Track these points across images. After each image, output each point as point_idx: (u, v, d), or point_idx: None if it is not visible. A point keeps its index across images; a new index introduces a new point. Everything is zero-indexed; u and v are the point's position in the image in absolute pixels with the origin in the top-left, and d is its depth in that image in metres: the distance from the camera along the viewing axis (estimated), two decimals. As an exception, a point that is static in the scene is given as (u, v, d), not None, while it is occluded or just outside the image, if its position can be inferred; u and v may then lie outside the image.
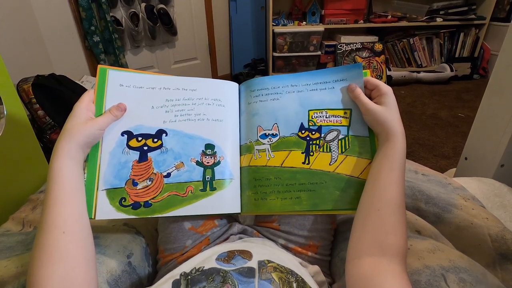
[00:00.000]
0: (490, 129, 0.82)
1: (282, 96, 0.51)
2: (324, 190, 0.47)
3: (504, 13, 2.36)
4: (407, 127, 1.81)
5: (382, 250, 0.37)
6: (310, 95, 0.50)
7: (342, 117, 0.49)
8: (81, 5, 1.78)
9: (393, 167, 0.41)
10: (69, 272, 0.35)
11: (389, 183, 0.41)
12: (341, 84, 0.50)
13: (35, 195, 0.73)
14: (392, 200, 0.39)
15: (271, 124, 0.51)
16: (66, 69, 1.69)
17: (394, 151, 0.42)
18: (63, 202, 0.38)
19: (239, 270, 0.36)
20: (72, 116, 0.43)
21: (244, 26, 2.54)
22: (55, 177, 0.39)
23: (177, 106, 0.50)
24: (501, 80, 0.78)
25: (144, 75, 0.50)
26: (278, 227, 0.52)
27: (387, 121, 0.44)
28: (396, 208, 0.39)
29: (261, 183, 0.49)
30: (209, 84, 0.53)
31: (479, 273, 0.41)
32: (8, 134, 0.78)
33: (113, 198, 0.45)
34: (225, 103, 0.52)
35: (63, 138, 0.41)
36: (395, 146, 0.42)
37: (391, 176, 0.41)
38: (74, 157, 0.41)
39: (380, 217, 0.39)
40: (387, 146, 0.43)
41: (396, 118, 0.44)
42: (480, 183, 0.70)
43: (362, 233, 0.40)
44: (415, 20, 2.43)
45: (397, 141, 0.43)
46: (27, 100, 1.38)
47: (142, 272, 0.51)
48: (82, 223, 0.39)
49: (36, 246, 0.36)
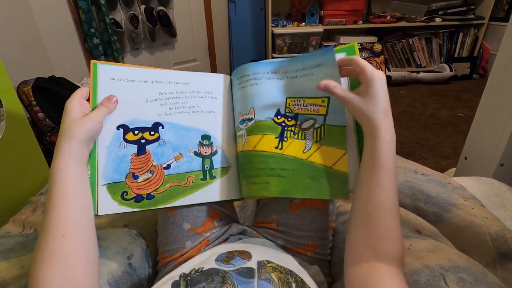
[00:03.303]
0: (490, 128, 0.82)
1: (261, 82, 0.50)
2: (295, 177, 0.46)
3: (503, 13, 2.37)
4: (406, 127, 1.81)
5: (377, 255, 0.36)
6: (290, 83, 0.49)
7: (320, 106, 0.47)
8: (81, 8, 1.78)
9: (378, 166, 0.38)
10: (70, 274, 0.35)
11: (376, 185, 0.38)
12: (318, 70, 0.47)
13: (35, 197, 0.73)
14: (381, 203, 0.37)
15: (248, 109, 0.50)
16: (66, 71, 1.69)
17: (378, 148, 0.38)
18: (63, 204, 0.37)
19: (238, 270, 0.36)
20: (66, 114, 0.42)
21: (244, 27, 2.54)
22: (56, 178, 0.38)
23: (171, 99, 0.50)
24: (500, 79, 0.78)
25: (135, 68, 0.50)
26: (277, 228, 0.52)
27: (367, 114, 0.39)
28: (387, 211, 0.37)
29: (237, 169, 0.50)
30: (200, 78, 0.53)
31: (479, 272, 0.41)
32: (8, 137, 0.78)
33: (114, 193, 0.45)
34: (217, 95, 0.53)
35: (62, 137, 0.40)
36: (379, 142, 0.38)
37: (377, 176, 0.38)
38: (77, 154, 0.40)
39: (371, 222, 0.38)
40: (371, 142, 0.39)
41: (380, 110, 0.39)
42: (480, 183, 0.70)
43: (355, 239, 0.39)
44: (414, 21, 2.43)
45: (381, 136, 0.38)
46: (27, 102, 1.38)
47: (142, 273, 0.51)
48: (84, 225, 0.39)
49: (38, 248, 0.36)
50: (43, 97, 1.41)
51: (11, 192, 0.80)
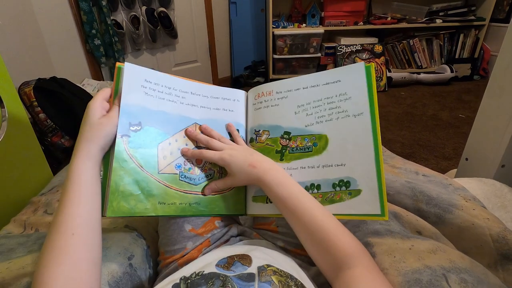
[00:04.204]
0: (491, 129, 0.82)
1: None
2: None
3: (503, 14, 2.37)
4: (407, 128, 1.81)
5: (342, 264, 0.38)
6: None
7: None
8: (82, 9, 1.79)
9: (289, 202, 0.44)
10: (75, 274, 0.35)
11: (301, 214, 0.43)
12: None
13: (37, 198, 0.73)
14: (314, 226, 0.41)
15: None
16: (67, 72, 1.70)
17: (275, 193, 0.45)
18: (75, 204, 0.39)
19: (239, 276, 0.36)
20: (87, 115, 0.43)
21: (244, 28, 2.55)
22: (73, 177, 0.40)
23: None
24: (500, 81, 0.78)
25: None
26: (276, 229, 0.52)
27: (245, 182, 0.50)
28: (313, 219, 0.41)
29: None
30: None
31: (480, 273, 0.41)
32: (9, 137, 0.78)
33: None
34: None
35: (83, 138, 0.41)
36: (270, 188, 0.45)
37: (296, 209, 0.43)
38: (94, 156, 0.42)
39: (312, 239, 0.42)
40: (268, 192, 0.46)
41: (245, 170, 0.47)
42: (481, 184, 0.70)
43: (316, 259, 0.42)
44: (414, 22, 2.43)
45: (263, 182, 0.46)
46: (28, 103, 1.39)
47: (143, 274, 0.51)
48: (93, 226, 0.39)
49: (46, 245, 0.36)
50: (45, 98, 1.41)
51: (12, 192, 0.81)
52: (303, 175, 0.49)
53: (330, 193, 0.47)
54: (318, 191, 0.48)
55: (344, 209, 0.46)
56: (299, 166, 0.50)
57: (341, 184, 0.47)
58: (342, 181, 0.47)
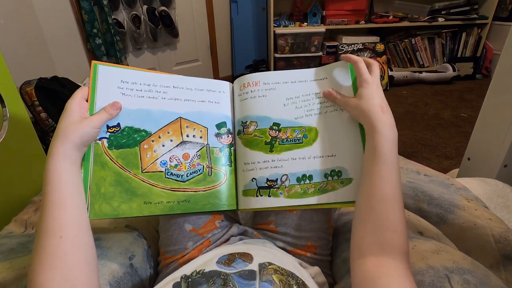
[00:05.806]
0: (493, 129, 0.81)
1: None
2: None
3: (506, 13, 2.35)
4: (409, 127, 1.80)
5: (384, 249, 0.36)
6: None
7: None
8: (83, 8, 1.79)
9: (380, 160, 0.40)
10: (70, 276, 0.34)
11: (379, 178, 0.39)
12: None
13: (38, 197, 0.73)
14: (385, 196, 0.38)
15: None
16: (68, 72, 1.70)
17: (377, 142, 0.40)
18: (59, 206, 0.37)
19: (240, 273, 0.36)
20: (65, 114, 0.42)
21: (245, 27, 2.54)
22: (51, 179, 0.38)
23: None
24: (503, 80, 0.77)
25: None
26: (275, 229, 0.52)
27: (364, 113, 0.43)
28: (390, 204, 0.38)
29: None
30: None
31: (482, 274, 0.41)
32: (11, 137, 0.78)
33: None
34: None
35: (57, 138, 0.40)
36: (377, 136, 0.41)
37: (378, 169, 0.39)
38: (70, 156, 0.40)
39: (376, 215, 0.38)
40: (371, 138, 0.42)
41: (375, 108, 0.43)
42: (483, 184, 0.70)
43: (361, 232, 0.39)
44: (416, 20, 2.42)
45: (378, 130, 0.41)
46: (29, 102, 1.39)
47: (143, 274, 0.51)
48: (80, 226, 0.38)
49: (35, 250, 0.35)
50: (46, 97, 1.41)
51: (14, 192, 0.81)
52: (294, 166, 0.49)
53: (323, 183, 0.48)
54: (310, 181, 0.49)
55: (337, 197, 0.47)
56: (290, 157, 0.50)
57: (333, 174, 0.48)
58: (334, 171, 0.48)
